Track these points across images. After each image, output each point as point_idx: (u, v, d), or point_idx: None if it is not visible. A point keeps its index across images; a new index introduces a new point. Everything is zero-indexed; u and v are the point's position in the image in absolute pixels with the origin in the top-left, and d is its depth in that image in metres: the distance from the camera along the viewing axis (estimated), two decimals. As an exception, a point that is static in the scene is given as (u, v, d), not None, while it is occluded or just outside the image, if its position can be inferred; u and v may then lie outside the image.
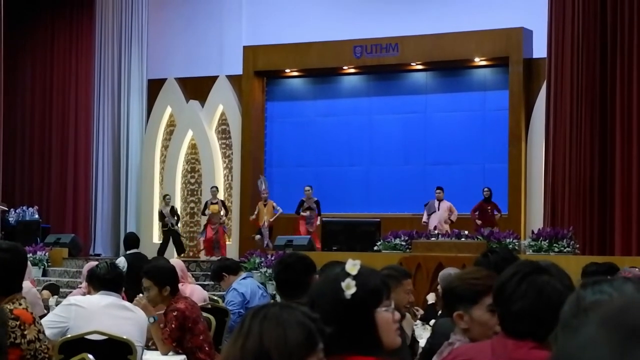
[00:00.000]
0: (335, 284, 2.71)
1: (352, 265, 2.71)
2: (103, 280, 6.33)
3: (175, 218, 20.72)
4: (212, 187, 20.82)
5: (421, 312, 9.14)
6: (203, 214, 20.77)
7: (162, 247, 20.21)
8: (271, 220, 19.78)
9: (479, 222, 18.10)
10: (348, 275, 2.70)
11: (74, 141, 23.16)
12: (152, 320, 6.79)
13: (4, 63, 21.99)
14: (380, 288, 2.74)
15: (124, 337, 6.12)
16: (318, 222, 18.90)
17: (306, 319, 2.36)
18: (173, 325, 6.98)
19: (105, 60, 23.19)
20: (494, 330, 3.36)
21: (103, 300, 6.26)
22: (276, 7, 22.19)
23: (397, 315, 2.78)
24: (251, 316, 2.37)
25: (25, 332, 4.24)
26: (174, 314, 7.02)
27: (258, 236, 19.72)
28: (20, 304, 4.35)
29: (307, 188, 19.51)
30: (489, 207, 18.54)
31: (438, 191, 18.63)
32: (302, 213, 19.41)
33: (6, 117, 22.45)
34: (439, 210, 18.43)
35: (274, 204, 19.98)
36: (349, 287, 2.68)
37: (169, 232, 20.56)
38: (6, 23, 21.84)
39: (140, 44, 23.08)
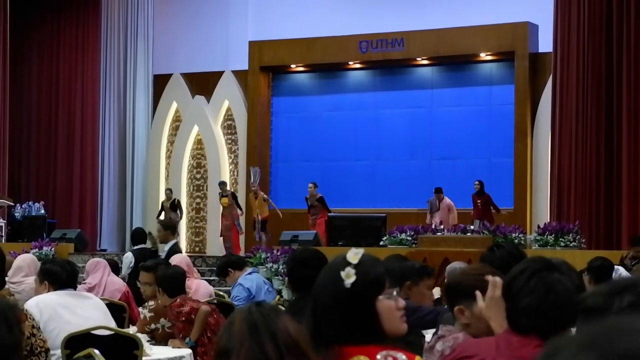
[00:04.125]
0: (335, 273, 2.67)
1: (354, 254, 2.68)
2: (58, 280, 6.19)
3: (178, 212, 20.72)
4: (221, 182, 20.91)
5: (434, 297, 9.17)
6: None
7: None
8: (264, 214, 19.81)
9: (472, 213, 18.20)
10: (349, 264, 2.67)
11: (80, 136, 23.17)
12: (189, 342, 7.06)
13: (10, 58, 22.02)
14: (381, 276, 2.70)
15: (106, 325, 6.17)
16: (323, 219, 18.76)
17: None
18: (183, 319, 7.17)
19: (111, 55, 23.20)
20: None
21: (60, 295, 6.15)
22: (282, 2, 22.17)
23: (401, 302, 2.73)
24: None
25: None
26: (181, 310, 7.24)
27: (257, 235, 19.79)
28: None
29: (310, 185, 19.32)
30: (479, 201, 18.45)
31: (437, 194, 18.59)
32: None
33: (12, 113, 22.47)
34: (439, 209, 18.42)
35: (264, 196, 19.99)
36: (349, 276, 2.65)
37: None
38: (12, 18, 21.87)
39: (146, 39, 23.08)
